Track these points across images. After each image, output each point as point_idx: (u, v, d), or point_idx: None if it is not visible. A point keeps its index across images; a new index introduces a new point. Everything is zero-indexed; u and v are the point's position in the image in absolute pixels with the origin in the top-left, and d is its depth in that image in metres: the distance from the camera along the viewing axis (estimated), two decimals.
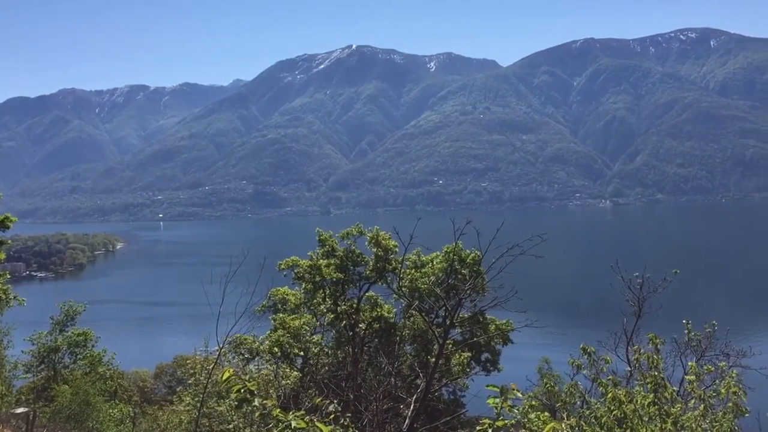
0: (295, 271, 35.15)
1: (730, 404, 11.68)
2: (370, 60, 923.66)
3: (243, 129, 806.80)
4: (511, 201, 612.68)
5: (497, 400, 9.17)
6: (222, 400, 22.91)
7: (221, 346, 14.92)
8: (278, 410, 7.26)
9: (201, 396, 22.81)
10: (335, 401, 9.65)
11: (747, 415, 13.94)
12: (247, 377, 8.68)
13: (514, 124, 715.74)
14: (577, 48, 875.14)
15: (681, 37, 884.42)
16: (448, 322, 19.04)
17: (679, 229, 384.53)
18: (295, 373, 29.15)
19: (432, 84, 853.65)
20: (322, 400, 8.93)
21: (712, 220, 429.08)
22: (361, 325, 32.55)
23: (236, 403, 8.68)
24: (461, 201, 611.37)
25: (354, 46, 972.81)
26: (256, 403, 7.74)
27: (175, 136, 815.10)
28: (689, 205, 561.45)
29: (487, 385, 8.95)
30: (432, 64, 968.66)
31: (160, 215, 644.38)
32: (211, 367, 22.37)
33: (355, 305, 34.05)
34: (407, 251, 23.36)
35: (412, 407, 13.62)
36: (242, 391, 7.87)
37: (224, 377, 8.20)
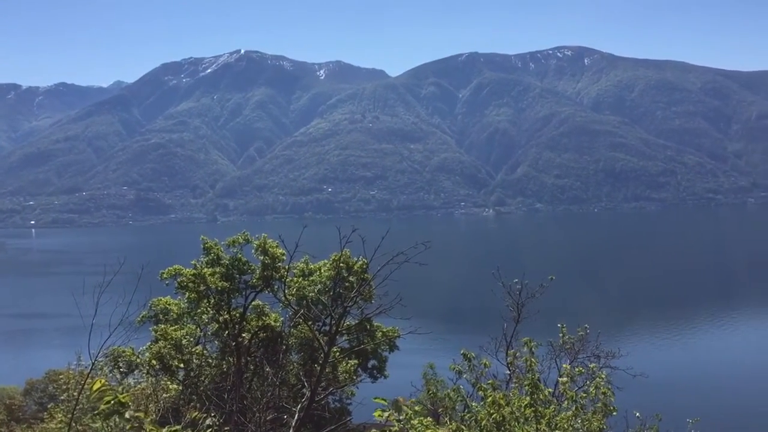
0: (178, 280, 34.04)
1: (599, 404, 12.30)
2: (258, 65, 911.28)
3: (124, 132, 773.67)
4: (398, 209, 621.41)
5: (386, 413, 9.22)
6: (97, 416, 21.73)
7: (95, 359, 14.17)
8: (151, 425, 6.95)
9: (73, 412, 21.57)
10: (217, 414, 9.37)
11: (615, 413, 14.77)
12: (121, 389, 8.28)
13: (403, 134, 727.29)
14: (463, 61, 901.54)
15: (558, 54, 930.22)
16: (336, 330, 19.00)
17: (556, 237, 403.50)
18: (174, 386, 28.16)
19: (322, 92, 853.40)
20: (199, 414, 8.62)
21: (586, 228, 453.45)
22: (244, 335, 31.87)
23: (104, 414, 8.16)
24: (350, 209, 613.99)
25: (242, 51, 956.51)
26: (127, 415, 7.36)
27: (49, 139, 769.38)
28: (566, 214, 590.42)
29: (375, 398, 8.97)
30: (322, 71, 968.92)
31: (32, 222, 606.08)
32: (84, 381, 21.21)
33: (240, 314, 33.36)
34: (293, 259, 23.14)
35: (296, 417, 13.45)
36: (113, 402, 7.45)
37: (95, 387, 7.75)
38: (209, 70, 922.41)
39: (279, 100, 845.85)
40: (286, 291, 33.54)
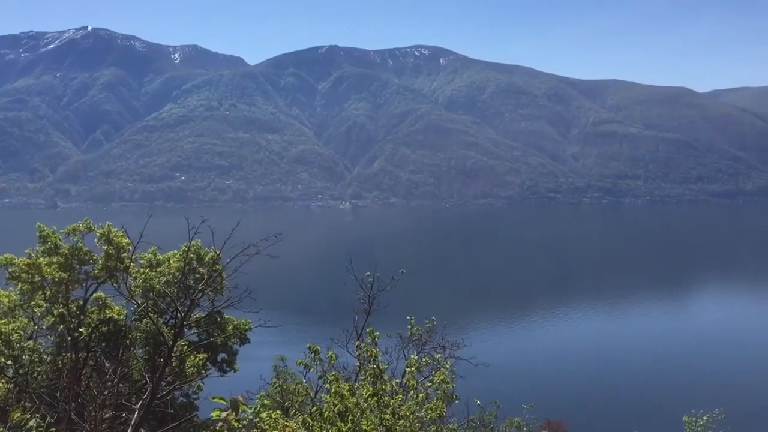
0: (10, 270, 31.62)
1: (440, 392, 12.77)
2: (108, 44, 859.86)
3: None
4: (255, 200, 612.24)
5: (224, 413, 9.05)
6: None
7: None
8: None
9: None
10: (47, 414, 8.74)
11: (457, 401, 15.41)
12: None
13: (260, 123, 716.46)
14: (323, 53, 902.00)
15: (416, 53, 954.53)
16: (181, 323, 18.36)
17: (409, 231, 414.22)
18: (2, 384, 26.07)
19: (176, 76, 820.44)
20: (22, 416, 7.99)
21: (437, 223, 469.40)
22: (81, 329, 30.06)
23: None
24: (204, 198, 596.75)
25: (90, 28, 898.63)
26: None
27: None
28: (419, 208, 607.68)
29: (214, 398, 8.78)
30: (177, 55, 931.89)
31: None
32: None
33: (78, 307, 31.43)
34: (137, 249, 22.14)
35: (136, 414, 12.87)
36: None
37: None
38: (52, 46, 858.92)
39: (129, 82, 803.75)
40: (131, 282, 32.03)
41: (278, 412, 12.06)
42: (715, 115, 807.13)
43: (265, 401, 14.08)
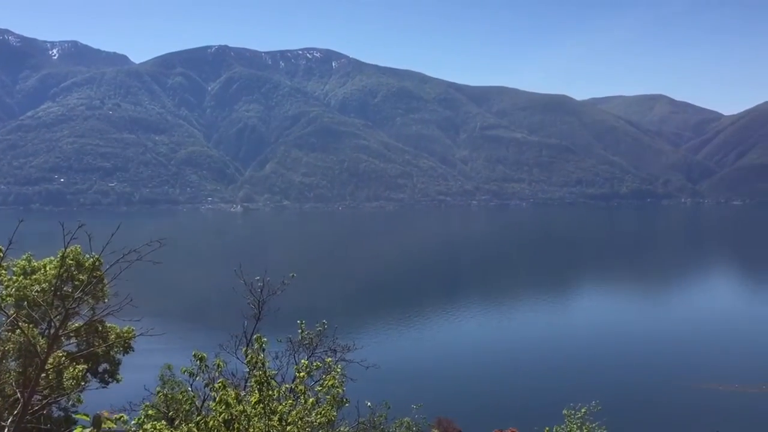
0: None
1: (329, 397, 12.76)
2: None
3: None
4: (141, 203, 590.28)
5: (86, 430, 8.67)
6: None
7: None
8: None
9: None
10: None
11: (347, 404, 15.44)
12: None
13: (146, 124, 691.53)
14: (212, 53, 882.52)
15: (308, 55, 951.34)
16: (56, 333, 17.37)
17: (301, 234, 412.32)
18: None
19: (54, 73, 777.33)
20: None
21: (330, 226, 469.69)
22: None
23: None
24: (86, 201, 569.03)
25: None
26: None
27: None
28: (312, 211, 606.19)
29: (76, 414, 8.42)
30: (55, 51, 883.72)
31: None
32: None
33: None
34: (7, 255, 20.78)
35: (6, 431, 12.07)
36: None
37: None
38: None
39: (2, 79, 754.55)
40: (2, 291, 30.06)
41: (163, 422, 11.68)
42: (592, 122, 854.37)
43: (150, 412, 13.61)
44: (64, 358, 28.88)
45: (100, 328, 32.56)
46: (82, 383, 29.71)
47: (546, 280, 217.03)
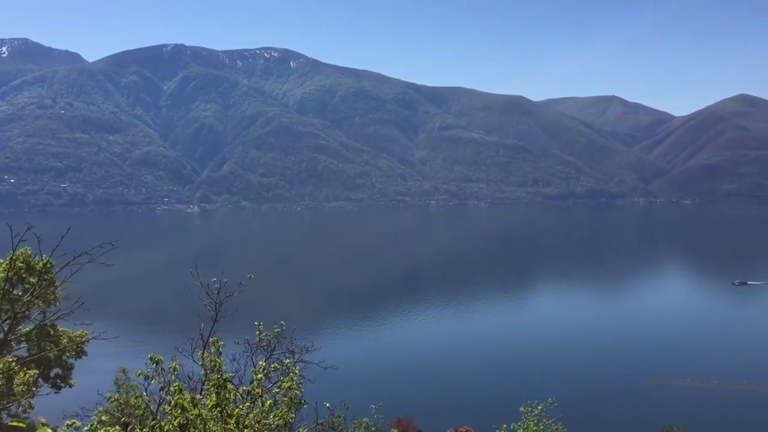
0: None
1: (286, 399, 12.68)
2: None
3: None
4: (95, 204, 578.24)
5: None
6: None
7: None
8: None
9: None
10: None
11: (305, 406, 15.36)
12: None
13: (100, 123, 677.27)
14: (168, 52, 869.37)
15: (265, 54, 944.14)
16: (4, 338, 16.92)
17: (260, 235, 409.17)
18: None
19: (4, 71, 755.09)
20: None
21: (289, 226, 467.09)
22: None
23: None
24: (37, 202, 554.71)
25: None
26: None
27: None
28: (271, 212, 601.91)
29: (12, 421, 8.19)
30: (4, 49, 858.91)
31: None
32: None
33: None
34: None
35: None
36: None
37: None
38: None
39: None
40: None
41: (117, 428, 11.47)
42: (548, 123, 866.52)
43: (103, 417, 13.34)
44: (14, 363, 28.13)
45: (51, 332, 31.81)
46: (34, 389, 28.99)
47: (503, 280, 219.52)
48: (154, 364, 12.40)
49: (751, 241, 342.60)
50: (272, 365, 16.23)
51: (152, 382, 12.93)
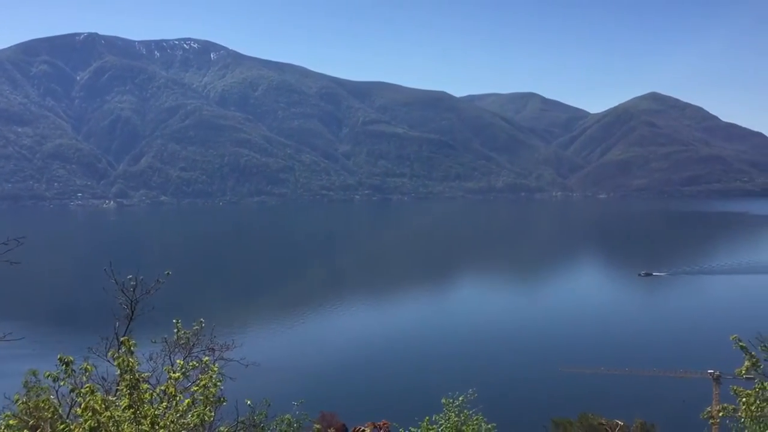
0: None
1: (203, 397, 12.46)
2: None
3: None
4: (2, 199, 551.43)
5: None
6: None
7: None
8: None
9: None
10: None
11: (225, 403, 15.12)
12: None
13: (8, 115, 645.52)
14: (81, 41, 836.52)
15: (185, 45, 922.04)
16: None
17: (179, 230, 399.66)
18: None
19: None
20: None
21: (210, 221, 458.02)
22: None
23: None
24: None
25: None
26: None
27: None
28: (191, 207, 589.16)
29: None
30: None
31: None
32: None
33: None
34: None
35: None
36: None
37: None
38: None
39: None
40: None
41: (25, 431, 11.01)
42: (470, 118, 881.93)
43: (11, 422, 12.80)
44: None
45: None
46: None
47: (424, 273, 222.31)
48: (64, 366, 11.92)
49: (657, 234, 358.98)
50: (190, 363, 15.90)
51: (62, 384, 12.45)
